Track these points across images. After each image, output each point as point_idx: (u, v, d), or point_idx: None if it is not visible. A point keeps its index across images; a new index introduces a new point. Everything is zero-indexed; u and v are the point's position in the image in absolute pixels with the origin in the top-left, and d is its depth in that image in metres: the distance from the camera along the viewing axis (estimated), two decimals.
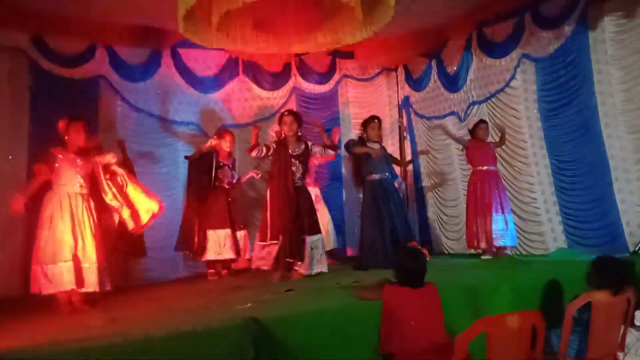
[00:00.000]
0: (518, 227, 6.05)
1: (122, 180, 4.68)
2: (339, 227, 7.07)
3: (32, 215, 5.04)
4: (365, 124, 5.92)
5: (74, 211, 4.25)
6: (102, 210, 4.59)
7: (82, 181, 4.35)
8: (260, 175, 6.16)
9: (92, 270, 4.24)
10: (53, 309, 4.13)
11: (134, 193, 4.71)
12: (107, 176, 4.61)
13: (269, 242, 4.97)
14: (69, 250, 4.13)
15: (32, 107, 5.56)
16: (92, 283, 4.22)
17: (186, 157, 5.93)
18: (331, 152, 5.33)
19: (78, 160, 4.38)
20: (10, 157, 5.40)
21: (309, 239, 5.04)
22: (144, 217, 4.71)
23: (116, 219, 4.74)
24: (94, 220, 4.36)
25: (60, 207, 4.21)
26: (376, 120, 5.93)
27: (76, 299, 4.21)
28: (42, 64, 5.63)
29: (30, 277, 4.14)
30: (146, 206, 4.72)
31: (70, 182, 4.29)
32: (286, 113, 5.28)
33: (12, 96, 5.49)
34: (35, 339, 3.02)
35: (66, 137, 4.35)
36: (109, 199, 4.56)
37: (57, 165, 4.30)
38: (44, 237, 4.16)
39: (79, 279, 4.14)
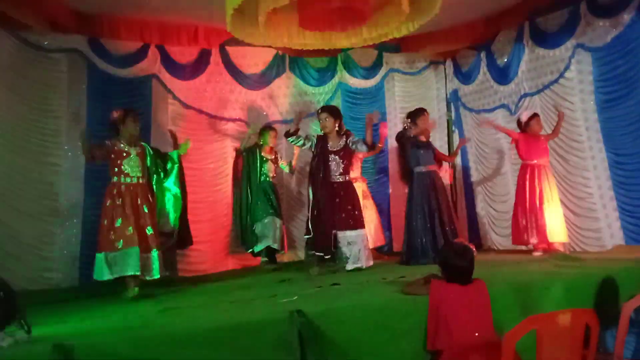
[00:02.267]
0: (573, 223, 5.84)
1: None
2: (386, 222, 7.04)
3: (91, 207, 5.34)
4: (415, 116, 5.82)
5: (134, 201, 4.43)
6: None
7: (138, 171, 4.53)
8: None
9: (155, 257, 4.42)
10: (109, 298, 4.33)
11: None
12: None
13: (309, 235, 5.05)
14: (132, 238, 4.31)
15: (89, 106, 5.80)
16: (155, 270, 4.40)
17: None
18: (364, 148, 5.13)
19: (134, 151, 4.56)
20: (69, 154, 5.66)
21: (345, 234, 5.02)
22: None
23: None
24: (151, 209, 4.54)
25: (121, 197, 4.40)
26: (426, 113, 5.86)
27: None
28: (98, 65, 5.86)
29: (94, 264, 4.35)
30: None
31: (127, 172, 4.48)
32: (320, 110, 5.26)
33: (70, 96, 5.74)
34: (90, 327, 3.17)
35: (122, 127, 4.55)
36: None
37: (113, 156, 4.49)
38: (107, 226, 4.35)
39: (143, 266, 4.32)
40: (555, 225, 5.52)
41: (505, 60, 6.66)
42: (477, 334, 2.78)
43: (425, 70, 7.64)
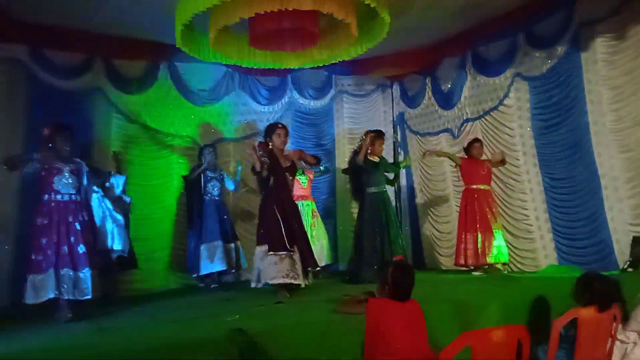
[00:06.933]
0: (510, 244, 6.07)
1: None
2: (333, 241, 7.08)
3: (22, 226, 5.10)
4: (374, 137, 5.90)
5: (64, 219, 4.26)
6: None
7: (71, 189, 4.37)
8: None
9: (87, 277, 4.25)
10: (42, 319, 4.13)
11: None
12: None
13: (284, 252, 4.76)
14: (62, 258, 4.14)
15: (29, 118, 5.56)
16: (87, 290, 4.23)
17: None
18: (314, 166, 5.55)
19: (67, 167, 4.39)
20: (5, 167, 5.40)
21: None
22: None
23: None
24: (85, 227, 4.37)
25: (50, 216, 4.23)
26: (384, 137, 6.00)
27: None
28: (40, 76, 5.63)
29: (26, 286, 4.15)
30: None
31: (58, 189, 4.32)
32: (280, 126, 5.26)
33: (9, 108, 5.49)
34: (22, 348, 3.02)
35: (52, 145, 4.39)
36: None
37: (43, 173, 4.32)
38: (35, 246, 4.17)
39: (73, 287, 4.15)
40: (497, 247, 5.72)
41: (449, 86, 6.92)
42: (414, 351, 2.82)
43: (373, 93, 7.81)
